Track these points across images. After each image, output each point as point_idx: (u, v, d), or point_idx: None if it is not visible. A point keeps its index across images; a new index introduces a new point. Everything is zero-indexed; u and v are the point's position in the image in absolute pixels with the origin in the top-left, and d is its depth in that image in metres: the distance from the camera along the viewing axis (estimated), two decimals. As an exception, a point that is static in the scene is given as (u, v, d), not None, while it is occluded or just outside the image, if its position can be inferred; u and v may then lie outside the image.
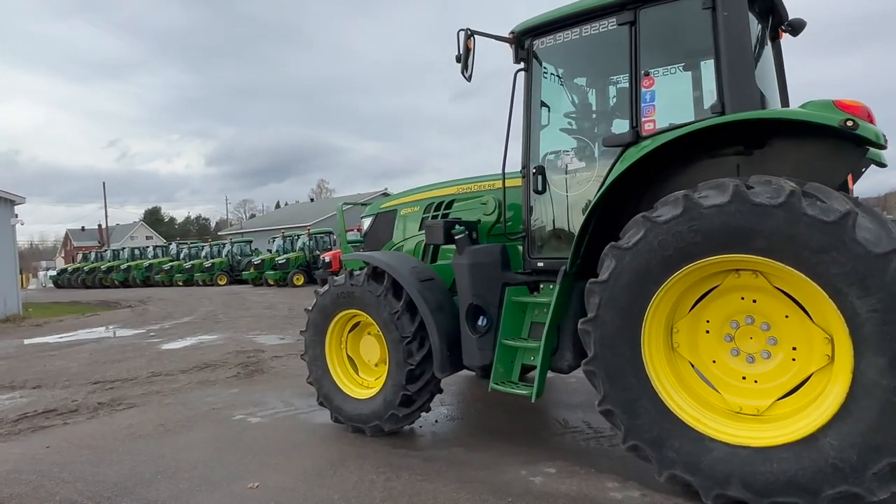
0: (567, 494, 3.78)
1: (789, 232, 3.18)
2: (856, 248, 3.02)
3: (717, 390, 3.75)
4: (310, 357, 5.56)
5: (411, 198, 5.95)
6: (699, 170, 4.06)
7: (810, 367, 3.45)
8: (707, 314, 3.80)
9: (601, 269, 3.85)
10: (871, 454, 3.03)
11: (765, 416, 3.56)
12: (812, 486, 3.17)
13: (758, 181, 3.39)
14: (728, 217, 3.34)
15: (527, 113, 4.66)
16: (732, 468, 3.41)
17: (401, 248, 5.92)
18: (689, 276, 3.63)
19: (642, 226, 3.65)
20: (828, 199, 3.20)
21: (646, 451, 3.69)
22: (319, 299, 5.43)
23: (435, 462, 4.48)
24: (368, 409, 5.11)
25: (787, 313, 3.53)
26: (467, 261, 4.65)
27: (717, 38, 3.84)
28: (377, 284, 5.01)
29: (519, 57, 4.67)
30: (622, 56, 4.20)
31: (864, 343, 3.05)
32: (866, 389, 3.06)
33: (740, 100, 3.75)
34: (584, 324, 3.88)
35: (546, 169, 4.57)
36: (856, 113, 3.30)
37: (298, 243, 30.44)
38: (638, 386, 3.72)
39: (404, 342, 4.81)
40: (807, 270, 3.18)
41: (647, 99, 4.10)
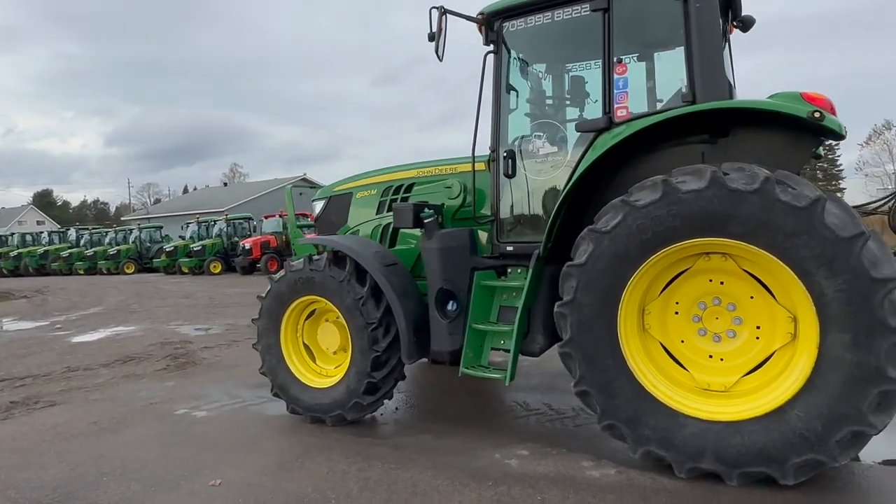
0: (546, 475, 3.82)
1: (763, 217, 3.34)
2: (825, 233, 3.22)
3: (685, 369, 3.90)
4: (263, 346, 5.29)
5: (367, 181, 5.78)
6: (665, 157, 4.17)
7: (773, 345, 3.66)
8: (677, 296, 3.94)
9: (577, 252, 3.89)
10: (835, 423, 3.25)
11: (731, 392, 3.75)
12: (780, 455, 3.38)
13: (731, 168, 3.53)
14: (705, 202, 3.47)
15: (496, 96, 4.62)
16: (705, 442, 3.57)
17: (356, 232, 5.74)
18: (664, 260, 3.74)
19: (620, 210, 3.72)
20: (798, 185, 3.38)
21: (621, 430, 3.79)
22: (275, 285, 5.17)
23: (405, 450, 4.40)
24: (329, 398, 4.94)
25: (753, 294, 3.72)
26: (437, 245, 4.57)
27: (689, 28, 3.95)
28: (339, 269, 4.83)
29: (489, 39, 4.61)
30: (595, 42, 4.25)
31: (830, 321, 3.27)
32: (831, 364, 3.28)
33: (711, 89, 3.89)
34: (561, 307, 3.92)
35: (516, 153, 4.56)
36: (821, 105, 3.51)
37: (215, 229, 29.06)
38: (614, 367, 3.81)
39: (369, 328, 4.67)
40: (779, 253, 3.36)
41: (619, 85, 4.18)
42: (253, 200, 45.19)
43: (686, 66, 4.00)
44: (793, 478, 3.37)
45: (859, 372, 3.19)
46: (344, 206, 5.87)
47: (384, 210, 5.59)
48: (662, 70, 4.89)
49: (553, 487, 3.64)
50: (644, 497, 3.46)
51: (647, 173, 4.00)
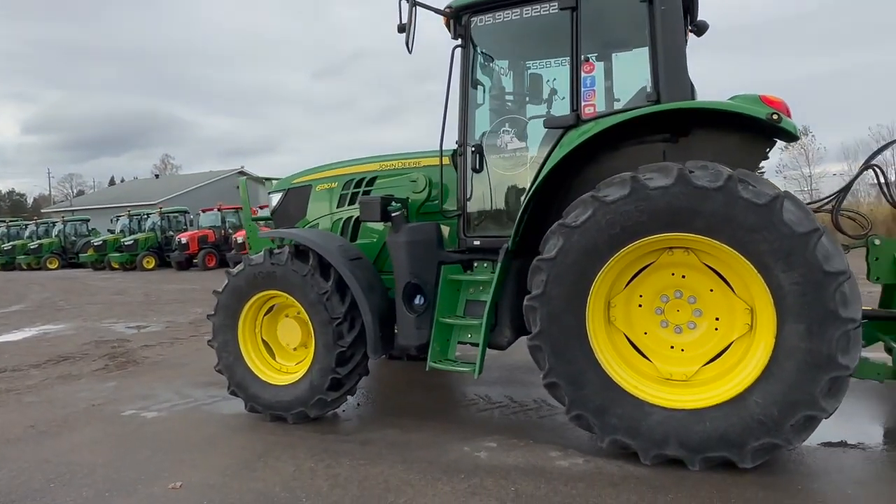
0: (516, 467, 3.87)
1: (726, 213, 3.49)
2: (783, 228, 3.40)
3: (649, 360, 4.04)
4: (219, 343, 5.11)
5: (327, 173, 5.67)
6: (628, 155, 4.30)
7: (732, 336, 3.84)
8: (641, 289, 4.06)
9: (547, 246, 3.95)
10: (790, 409, 3.45)
11: (692, 381, 3.90)
12: (740, 440, 3.55)
13: (695, 166, 3.67)
14: (672, 198, 3.59)
15: (463, 91, 4.63)
16: (669, 430, 3.70)
17: (315, 225, 5.63)
18: (630, 254, 3.85)
19: (590, 205, 3.80)
20: (757, 183, 3.55)
21: (589, 420, 3.89)
22: (232, 280, 5.00)
23: (373, 445, 4.35)
24: (291, 395, 4.83)
25: (712, 287, 3.89)
26: (405, 239, 4.53)
27: (654, 29, 4.08)
28: (302, 263, 4.72)
29: (457, 33, 4.61)
30: (562, 40, 4.32)
31: (787, 312, 3.45)
32: (787, 353, 3.47)
33: (675, 89, 4.03)
34: (531, 300, 3.97)
35: (484, 148, 4.58)
36: (778, 107, 3.70)
37: (148, 223, 27.79)
38: (583, 358, 3.89)
39: (334, 323, 4.59)
40: (740, 248, 3.52)
41: (587, 83, 4.26)
42: (187, 193, 43.48)
43: (651, 66, 4.13)
44: (751, 461, 3.55)
45: (812, 359, 3.39)
46: (303, 198, 5.73)
47: (346, 203, 5.50)
48: (619, 71, 5.05)
49: (525, 478, 3.70)
50: (613, 484, 3.56)
51: (610, 170, 4.11)
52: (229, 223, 25.39)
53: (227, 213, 25.81)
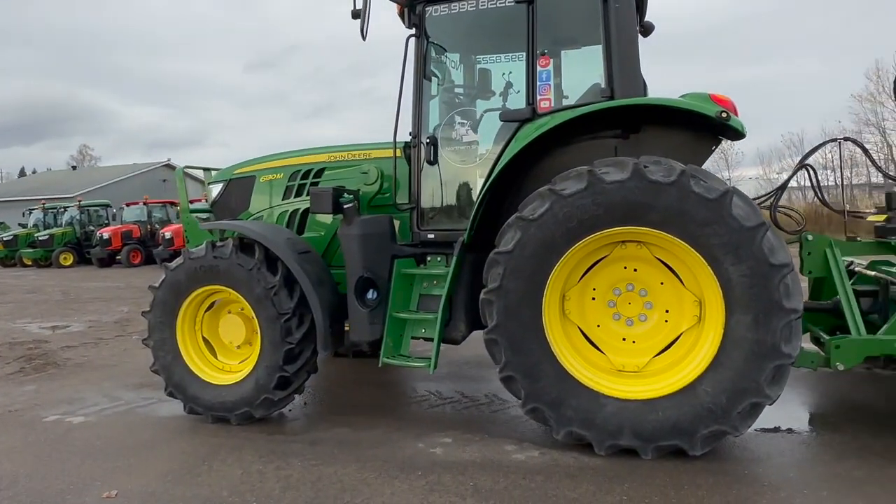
0: (473, 462, 3.84)
1: (679, 207, 3.58)
2: (732, 223, 3.52)
3: (602, 352, 4.09)
4: (155, 341, 4.81)
5: (272, 163, 5.44)
6: (580, 149, 4.35)
7: (681, 327, 3.94)
8: (594, 282, 4.11)
9: (504, 239, 3.93)
10: (737, 396, 3.58)
11: (644, 372, 3.98)
12: (690, 428, 3.65)
13: (649, 161, 3.75)
14: (628, 192, 3.65)
15: (418, 82, 4.55)
16: (623, 420, 3.77)
17: (259, 218, 5.40)
18: (586, 247, 3.88)
19: (547, 198, 3.81)
20: (708, 179, 3.66)
21: (545, 413, 3.90)
22: (170, 274, 4.72)
23: (323, 445, 4.21)
24: (235, 395, 4.60)
25: (663, 280, 3.99)
26: (358, 231, 4.41)
27: (609, 27, 4.14)
28: (248, 257, 4.51)
29: (411, 23, 4.52)
30: (517, 34, 4.32)
31: (735, 304, 3.58)
32: (735, 343, 3.60)
33: (628, 86, 4.10)
34: (488, 293, 3.94)
35: (439, 140, 4.51)
36: (727, 106, 3.83)
37: (65, 217, 26.01)
38: (539, 351, 3.90)
39: (282, 319, 4.41)
40: (691, 241, 3.62)
41: (543, 78, 4.28)
42: (108, 186, 40.98)
43: (605, 63, 4.19)
44: (700, 448, 3.66)
45: (758, 349, 3.53)
46: (245, 190, 5.48)
47: (292, 195, 5.30)
48: (567, 68, 5.10)
49: (482, 473, 3.66)
50: (570, 475, 3.59)
51: (562, 165, 4.15)
52: (156, 218, 24.17)
53: (154, 207, 24.55)
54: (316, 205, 4.53)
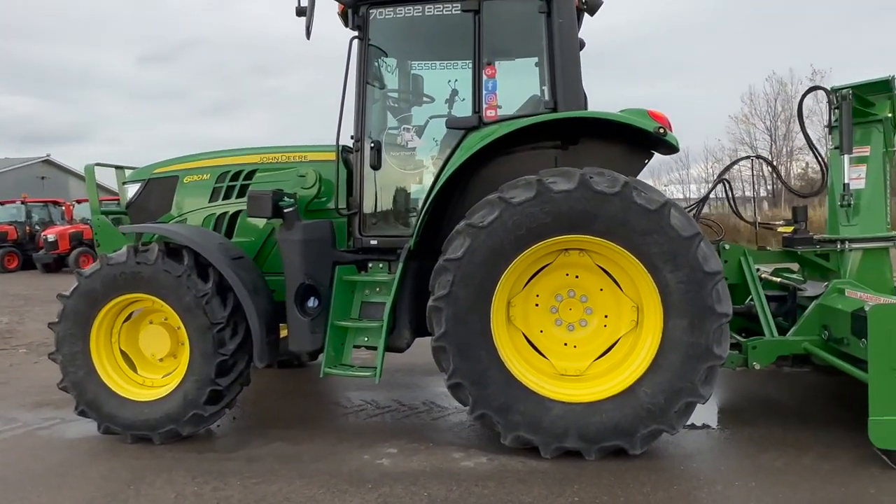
0: (423, 471, 3.79)
1: (622, 217, 3.75)
2: (671, 232, 3.72)
3: (545, 356, 4.19)
4: (65, 356, 4.38)
5: (198, 163, 5.12)
6: (522, 159, 4.43)
7: (619, 332, 4.12)
8: (537, 289, 4.21)
9: (452, 246, 3.93)
10: (674, 396, 3.78)
11: (585, 376, 4.12)
12: (631, 428, 3.82)
13: (593, 172, 3.89)
14: (574, 202, 3.77)
15: (360, 84, 4.46)
16: (568, 423, 3.87)
17: (183, 220, 5.05)
18: (532, 255, 3.97)
19: (497, 206, 3.85)
20: (647, 191, 3.86)
21: (493, 418, 3.93)
22: (85, 282, 4.31)
23: (261, 461, 3.99)
24: (160, 412, 4.27)
25: (602, 286, 4.15)
26: (300, 237, 4.23)
27: (552, 41, 4.26)
28: (176, 263, 4.21)
29: (354, 24, 4.42)
30: (462, 41, 4.35)
31: (672, 309, 3.79)
32: (672, 346, 3.81)
33: (571, 99, 4.24)
34: (437, 301, 3.92)
35: (383, 145, 4.44)
36: (663, 122, 4.05)
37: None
38: (487, 358, 3.93)
39: (215, 329, 4.15)
40: (633, 250, 3.79)
41: (489, 87, 4.33)
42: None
43: (548, 76, 4.31)
44: (640, 447, 3.84)
45: (693, 351, 3.76)
46: (167, 190, 5.11)
47: (220, 197, 5.00)
48: (502, 79, 5.19)
49: (434, 482, 3.63)
50: (521, 480, 3.63)
51: (504, 173, 4.22)
52: (36, 218, 22.04)
53: (34, 206, 22.39)
54: (254, 208, 4.30)
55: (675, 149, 4.21)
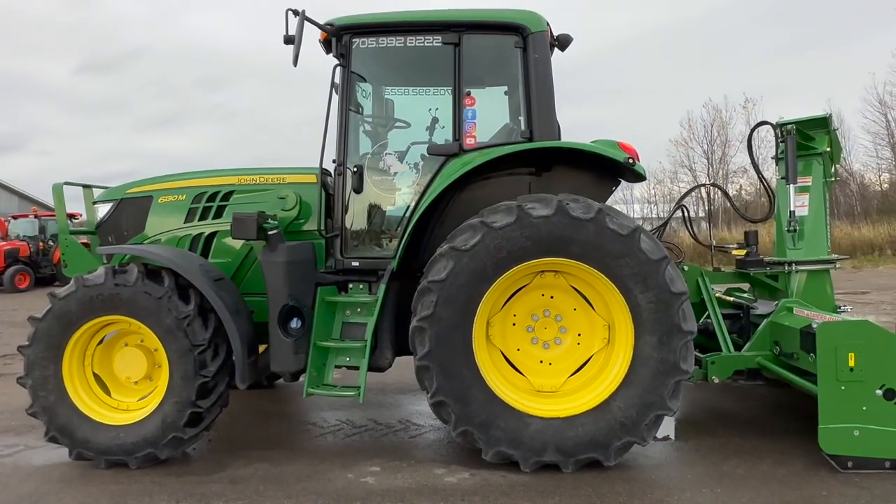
0: (408, 488, 3.88)
1: (597, 241, 3.99)
2: (641, 256, 3.99)
3: (521, 374, 4.37)
4: (35, 379, 4.27)
5: (173, 184, 5.10)
6: (498, 184, 4.64)
7: (592, 349, 4.35)
8: (515, 309, 4.40)
9: (435, 269, 4.08)
10: (645, 410, 4.03)
11: (560, 392, 4.32)
12: (605, 441, 4.03)
13: (569, 198, 4.13)
14: (552, 227, 4.00)
15: (343, 110, 4.59)
16: (547, 437, 4.05)
17: (157, 241, 5.01)
18: (511, 277, 4.16)
19: (479, 230, 4.04)
20: (619, 217, 4.12)
21: (475, 435, 4.07)
22: (59, 304, 4.23)
23: (245, 482, 4.00)
24: (136, 435, 4.21)
25: (576, 306, 4.38)
26: (284, 258, 4.29)
27: (528, 75, 4.50)
28: (157, 285, 4.20)
29: (337, 52, 4.56)
30: (443, 71, 4.55)
31: (642, 327, 4.04)
32: (642, 362, 4.05)
33: (546, 129, 4.49)
34: (421, 321, 4.05)
35: (365, 169, 4.57)
36: (632, 153, 4.35)
37: None
38: (469, 376, 4.08)
39: (196, 351, 4.15)
40: (606, 272, 4.04)
41: (468, 116, 4.54)
42: None
43: (524, 107, 4.55)
44: (614, 459, 4.06)
45: (662, 366, 4.02)
46: (140, 211, 5.07)
47: (195, 218, 5.00)
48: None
49: (420, 498, 3.73)
50: (504, 493, 3.78)
51: (482, 197, 4.44)
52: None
53: None
54: (238, 230, 4.33)
55: (643, 177, 4.51)
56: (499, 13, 4.58)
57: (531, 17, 4.53)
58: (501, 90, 5.29)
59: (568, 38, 4.88)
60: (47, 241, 20.82)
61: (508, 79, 4.99)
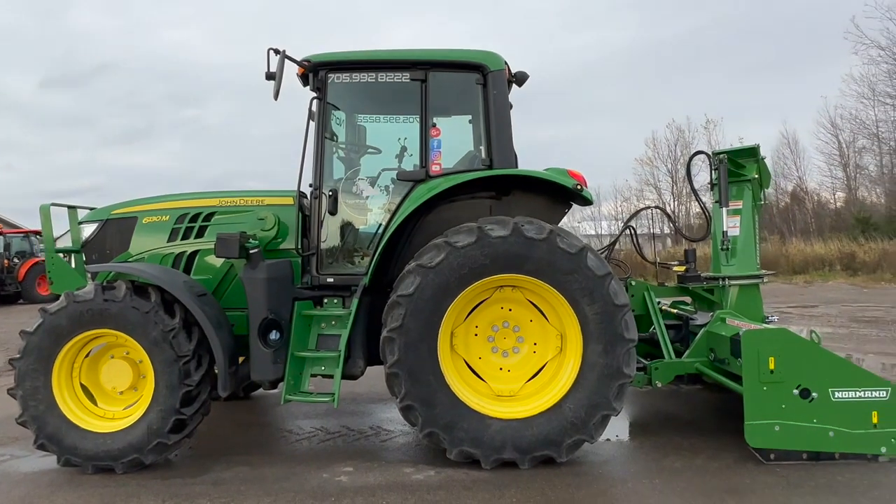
0: (379, 485, 4.25)
1: (549, 259, 4.46)
2: (588, 272, 4.47)
3: (483, 380, 4.79)
4: (25, 390, 4.53)
5: (157, 205, 5.42)
6: (461, 207, 5.08)
7: (546, 357, 4.79)
8: (476, 321, 4.83)
9: (404, 284, 4.49)
10: (593, 410, 4.47)
11: (517, 396, 4.75)
12: (558, 439, 4.46)
13: (523, 220, 4.59)
14: (509, 246, 4.45)
15: (319, 138, 5.00)
16: (506, 437, 4.47)
17: (140, 259, 5.31)
18: (473, 291, 4.60)
19: (443, 249, 4.47)
20: (568, 237, 4.60)
21: (440, 435, 4.46)
22: (50, 318, 4.51)
23: (227, 484, 4.31)
24: (122, 442, 4.49)
25: (531, 318, 4.83)
26: (264, 275, 4.66)
27: (488, 109, 4.99)
28: (144, 300, 4.51)
29: (314, 86, 4.98)
30: (411, 103, 5.01)
31: (590, 336, 4.51)
32: (590, 367, 4.51)
33: (504, 158, 4.96)
34: (391, 332, 4.45)
35: (340, 192, 4.98)
36: (580, 180, 4.85)
37: None
38: (435, 382, 4.48)
39: (181, 362, 4.47)
40: (558, 286, 4.50)
41: (434, 145, 4.99)
42: None
43: (485, 138, 5.03)
44: (565, 455, 4.49)
45: (607, 371, 4.48)
46: (125, 231, 5.37)
47: (178, 237, 5.33)
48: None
49: (391, 493, 4.10)
50: (466, 488, 4.17)
51: (446, 219, 4.87)
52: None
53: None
54: (222, 249, 4.69)
55: (590, 202, 5.01)
56: (462, 53, 5.06)
57: (491, 56, 5.03)
58: (466, 118, 5.77)
59: (524, 75, 5.39)
60: (12, 258, 20.57)
61: (472, 109, 5.47)
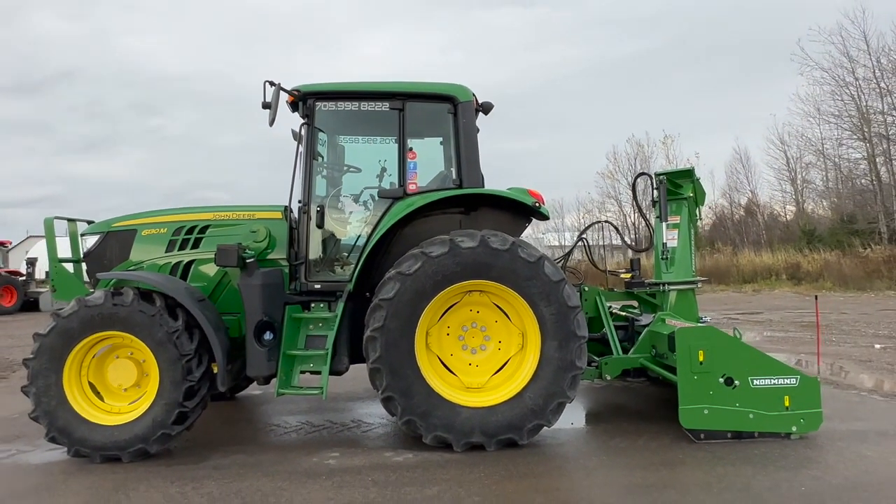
0: (364, 466, 4.82)
1: (511, 267, 5.14)
2: (545, 278, 5.16)
3: (454, 374, 5.43)
4: (39, 388, 4.96)
5: (156, 219, 5.92)
6: (434, 221, 5.73)
7: (509, 353, 5.46)
8: (449, 321, 5.47)
9: (385, 289, 5.10)
10: (550, 398, 5.15)
11: (485, 388, 5.39)
12: (519, 424, 5.12)
13: (490, 233, 5.26)
14: (477, 255, 5.11)
15: (307, 160, 5.59)
16: (474, 423, 5.10)
17: (140, 268, 5.79)
18: (445, 295, 5.24)
19: (419, 258, 5.10)
20: (528, 248, 5.29)
21: (417, 422, 5.07)
22: (62, 322, 4.97)
23: (227, 468, 4.82)
24: (129, 433, 4.97)
25: (497, 319, 5.49)
26: (259, 282, 5.21)
27: (458, 134, 5.67)
28: (149, 304, 5.01)
29: (303, 112, 5.59)
30: (391, 130, 5.66)
31: (547, 334, 5.19)
32: (547, 361, 5.19)
33: (472, 178, 5.64)
34: (374, 332, 5.05)
35: (326, 208, 5.58)
36: (538, 198, 5.56)
37: None
38: (412, 375, 5.09)
39: (184, 360, 4.97)
40: (519, 291, 5.18)
41: (411, 167, 5.64)
42: None
43: (455, 160, 5.70)
44: (526, 438, 5.14)
45: (562, 364, 5.16)
46: (125, 242, 5.85)
47: (175, 248, 5.83)
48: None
49: (375, 471, 4.68)
50: (440, 466, 4.78)
51: (421, 232, 5.51)
52: None
53: None
54: (222, 258, 5.22)
55: (546, 217, 5.73)
56: (435, 86, 5.74)
57: (460, 89, 5.72)
58: (438, 140, 6.44)
59: (489, 104, 6.10)
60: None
61: (443, 133, 6.14)
